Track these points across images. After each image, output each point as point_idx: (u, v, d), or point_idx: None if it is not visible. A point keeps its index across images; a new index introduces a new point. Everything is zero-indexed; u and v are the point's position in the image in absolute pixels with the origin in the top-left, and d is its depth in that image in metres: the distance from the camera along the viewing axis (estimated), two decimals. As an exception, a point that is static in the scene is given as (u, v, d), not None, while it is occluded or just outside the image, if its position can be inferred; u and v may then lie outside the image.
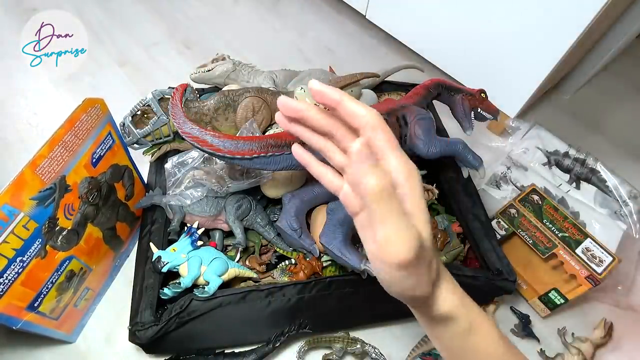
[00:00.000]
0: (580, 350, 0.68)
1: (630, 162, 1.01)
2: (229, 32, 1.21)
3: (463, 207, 0.71)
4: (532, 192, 0.75)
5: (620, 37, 0.97)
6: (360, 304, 0.61)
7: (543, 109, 1.11)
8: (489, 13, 0.86)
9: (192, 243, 0.59)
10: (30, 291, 0.52)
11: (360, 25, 1.27)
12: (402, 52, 1.16)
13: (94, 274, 0.65)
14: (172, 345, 0.60)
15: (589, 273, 0.65)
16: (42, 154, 0.49)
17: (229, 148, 0.49)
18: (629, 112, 1.15)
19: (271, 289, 0.57)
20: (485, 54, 0.91)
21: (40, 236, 0.50)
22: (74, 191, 0.54)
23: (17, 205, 0.46)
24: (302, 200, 0.62)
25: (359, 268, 0.55)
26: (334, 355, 0.65)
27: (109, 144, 0.60)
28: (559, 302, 0.70)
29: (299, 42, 1.21)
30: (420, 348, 0.67)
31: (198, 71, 0.77)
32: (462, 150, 0.68)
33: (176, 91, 0.56)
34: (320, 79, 0.75)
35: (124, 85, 1.04)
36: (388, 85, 0.89)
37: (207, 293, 0.56)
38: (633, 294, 0.79)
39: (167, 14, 1.24)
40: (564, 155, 0.88)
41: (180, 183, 0.64)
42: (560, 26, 0.77)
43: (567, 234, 0.69)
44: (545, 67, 0.83)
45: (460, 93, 0.73)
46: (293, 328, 0.61)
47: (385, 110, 0.61)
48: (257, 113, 0.66)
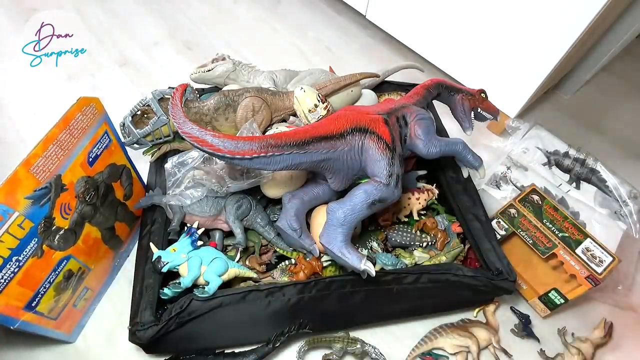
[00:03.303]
0: (580, 350, 0.68)
1: (630, 162, 1.01)
2: (229, 32, 1.21)
3: (463, 207, 0.71)
4: (532, 192, 0.75)
5: (620, 37, 0.97)
6: (360, 304, 0.61)
7: (543, 109, 1.11)
8: (489, 13, 0.86)
9: (192, 243, 0.59)
10: (28, 291, 0.52)
11: (360, 25, 1.27)
12: (402, 52, 1.16)
13: (93, 274, 0.64)
14: (172, 345, 0.60)
15: (589, 273, 0.65)
16: (36, 152, 0.48)
17: (229, 148, 0.48)
18: (629, 112, 1.15)
19: (271, 289, 0.57)
20: (485, 54, 0.91)
21: (36, 235, 0.50)
22: (70, 190, 0.54)
23: (12, 205, 0.46)
24: (302, 200, 0.62)
25: (359, 268, 0.55)
26: (334, 355, 0.64)
27: (105, 143, 0.60)
28: (559, 302, 0.70)
29: (299, 42, 1.21)
30: (420, 348, 0.67)
31: (198, 71, 0.77)
32: (462, 150, 0.68)
33: (176, 91, 0.56)
34: (320, 79, 0.75)
35: (124, 85, 1.04)
36: (388, 85, 0.89)
37: (207, 293, 0.56)
38: (633, 294, 0.79)
39: (167, 14, 1.24)
40: (564, 155, 0.88)
41: (180, 183, 0.64)
42: (560, 26, 0.77)
43: (567, 234, 0.69)
44: (545, 67, 0.83)
45: (460, 93, 0.73)
46: (293, 328, 0.61)
47: (385, 110, 0.61)
48: (257, 113, 0.66)
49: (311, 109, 0.65)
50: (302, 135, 0.52)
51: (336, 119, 0.56)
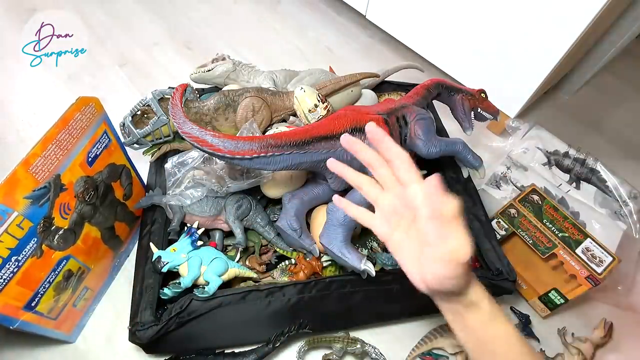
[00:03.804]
0: (580, 350, 0.68)
1: (630, 162, 1.01)
2: (229, 32, 1.21)
3: (463, 207, 0.71)
4: (532, 192, 0.75)
5: (620, 37, 0.97)
6: (360, 304, 0.61)
7: (543, 109, 1.11)
8: (489, 13, 0.86)
9: (192, 243, 0.59)
10: (27, 291, 0.52)
11: (360, 25, 1.27)
12: (402, 52, 1.16)
13: (92, 274, 0.64)
14: (172, 345, 0.60)
15: (589, 273, 0.65)
16: (35, 152, 0.48)
17: (229, 148, 0.48)
18: (629, 112, 1.15)
19: (271, 289, 0.57)
20: (485, 54, 0.91)
21: (36, 235, 0.50)
22: (69, 190, 0.54)
23: (11, 204, 0.46)
24: (302, 200, 0.62)
25: (359, 268, 0.55)
26: (334, 355, 0.64)
27: (105, 143, 0.60)
28: (559, 302, 0.70)
29: (299, 42, 1.21)
30: (420, 348, 0.67)
31: (198, 71, 0.77)
32: (462, 150, 0.68)
33: (176, 91, 0.56)
34: (320, 79, 0.75)
35: (124, 85, 1.04)
36: (388, 85, 0.89)
37: (207, 293, 0.56)
38: (633, 294, 0.79)
39: (167, 14, 1.24)
40: (564, 155, 0.88)
41: (180, 183, 0.64)
42: (560, 26, 0.77)
43: (567, 234, 0.69)
44: (545, 67, 0.83)
45: (460, 93, 0.73)
46: (293, 328, 0.61)
47: (385, 110, 0.61)
48: (257, 113, 0.66)
49: (311, 109, 0.65)
50: (302, 135, 0.52)
51: (336, 119, 0.56)
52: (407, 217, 0.40)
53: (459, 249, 0.37)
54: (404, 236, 0.41)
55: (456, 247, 0.37)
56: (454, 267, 0.37)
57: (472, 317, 0.41)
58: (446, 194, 0.37)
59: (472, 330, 0.42)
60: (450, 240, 0.37)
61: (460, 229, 0.38)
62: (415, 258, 0.40)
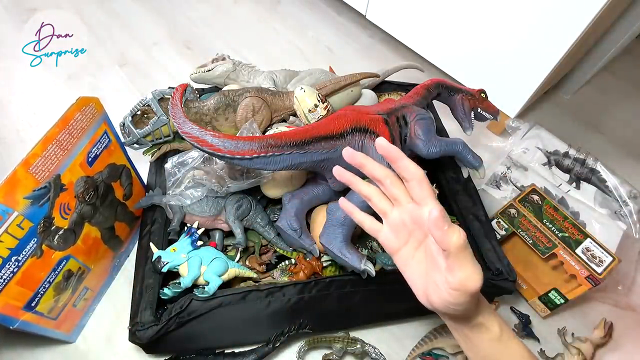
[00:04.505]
0: (580, 350, 0.68)
1: (630, 162, 1.01)
2: (229, 32, 1.21)
3: (463, 207, 0.71)
4: (532, 192, 0.75)
5: (620, 37, 0.97)
6: (360, 304, 0.61)
7: (543, 109, 1.11)
8: (489, 13, 0.86)
9: (192, 243, 0.59)
10: (27, 291, 0.52)
11: (360, 25, 1.27)
12: (402, 52, 1.16)
13: (92, 274, 0.64)
14: (172, 345, 0.60)
15: (589, 273, 0.65)
16: (35, 152, 0.48)
17: (229, 148, 0.48)
18: (629, 112, 1.15)
19: (271, 289, 0.57)
20: (485, 54, 0.91)
21: (36, 235, 0.50)
22: (69, 190, 0.54)
23: (11, 204, 0.46)
24: (302, 200, 0.62)
25: (358, 268, 0.55)
26: (334, 355, 0.64)
27: (105, 143, 0.60)
28: (559, 302, 0.70)
29: (299, 42, 1.21)
30: (420, 348, 0.67)
31: (198, 71, 0.77)
32: (462, 150, 0.68)
33: (176, 91, 0.56)
34: (320, 79, 0.75)
35: (124, 85, 1.04)
36: (388, 85, 0.89)
37: (207, 293, 0.56)
38: (633, 294, 0.79)
39: (167, 14, 1.24)
40: (564, 155, 0.88)
41: (180, 183, 0.64)
42: (560, 26, 0.77)
43: (567, 234, 0.69)
44: (545, 67, 0.83)
45: (460, 93, 0.73)
46: (293, 328, 0.61)
47: (385, 110, 0.61)
48: (257, 113, 0.66)
49: (311, 109, 0.65)
50: (302, 135, 0.52)
51: (336, 119, 0.56)
52: (417, 236, 0.40)
53: (469, 278, 0.36)
54: (412, 253, 0.40)
55: (467, 276, 0.36)
56: (461, 295, 0.36)
57: (479, 338, 0.41)
58: (452, 225, 0.36)
59: (480, 352, 0.42)
60: (461, 270, 0.36)
61: (470, 257, 0.36)
62: (421, 276, 0.39)
